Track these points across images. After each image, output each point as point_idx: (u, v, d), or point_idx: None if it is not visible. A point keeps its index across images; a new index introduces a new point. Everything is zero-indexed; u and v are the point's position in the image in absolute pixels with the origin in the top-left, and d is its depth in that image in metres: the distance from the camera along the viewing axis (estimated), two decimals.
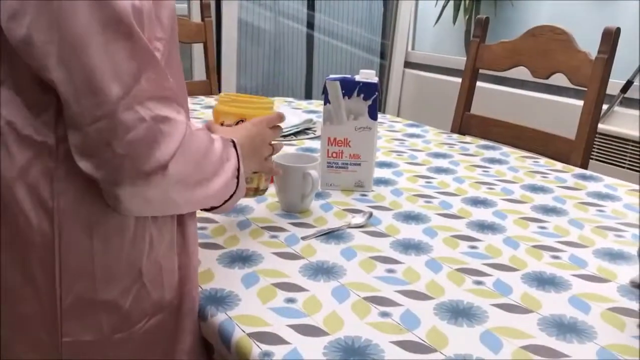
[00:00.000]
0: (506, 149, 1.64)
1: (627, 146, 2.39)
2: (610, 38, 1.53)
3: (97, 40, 0.59)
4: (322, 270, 0.89)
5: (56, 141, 0.65)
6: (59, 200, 0.65)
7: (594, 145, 2.43)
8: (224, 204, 0.80)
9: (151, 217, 0.72)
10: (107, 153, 0.62)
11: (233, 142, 0.80)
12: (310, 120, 1.75)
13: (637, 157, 2.36)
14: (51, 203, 0.65)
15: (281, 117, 0.96)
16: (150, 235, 0.72)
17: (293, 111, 1.89)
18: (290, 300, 0.80)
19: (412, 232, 1.04)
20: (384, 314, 0.78)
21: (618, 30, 1.53)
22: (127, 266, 0.70)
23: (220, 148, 0.76)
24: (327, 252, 0.95)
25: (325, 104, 1.20)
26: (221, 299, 0.80)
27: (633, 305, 0.82)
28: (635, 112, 2.44)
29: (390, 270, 0.90)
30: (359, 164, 1.23)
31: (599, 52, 1.55)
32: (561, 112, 2.54)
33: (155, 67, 0.64)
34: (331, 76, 1.21)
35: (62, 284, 0.66)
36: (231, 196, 0.80)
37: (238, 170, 0.79)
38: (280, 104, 2.04)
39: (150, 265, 0.72)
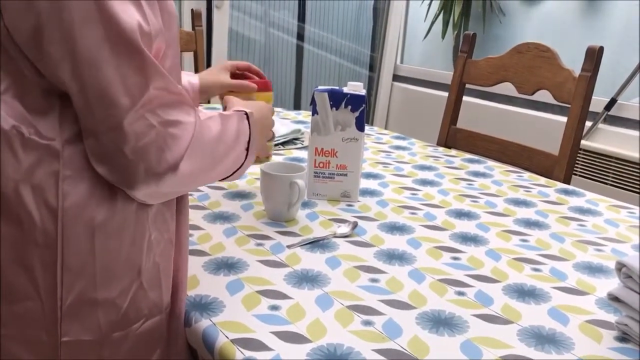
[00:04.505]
0: (491, 162, 1.66)
1: (610, 163, 2.43)
2: (594, 56, 1.56)
3: (107, 57, 0.63)
4: (306, 279, 0.90)
5: (62, 144, 0.66)
6: (64, 201, 0.66)
7: (578, 162, 2.47)
8: (232, 174, 0.84)
9: (151, 219, 0.73)
10: (120, 159, 0.66)
11: (247, 115, 0.84)
12: (299, 131, 1.76)
13: (620, 173, 2.39)
14: (56, 204, 0.66)
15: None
16: (149, 236, 0.73)
17: (281, 121, 1.90)
18: (274, 308, 0.81)
19: (396, 242, 1.05)
20: (367, 323, 0.79)
21: (601, 49, 1.56)
22: (126, 266, 0.71)
23: (235, 124, 0.81)
24: (312, 261, 0.96)
25: (313, 114, 1.22)
26: (206, 305, 0.81)
27: (610, 317, 0.84)
28: (618, 129, 2.48)
29: (373, 280, 0.91)
30: (346, 175, 1.24)
31: (582, 70, 1.58)
32: (546, 128, 2.58)
33: (161, 75, 0.67)
34: (320, 87, 1.23)
35: (63, 284, 0.67)
36: (240, 167, 0.84)
37: (249, 142, 0.83)
38: None
39: (149, 266, 0.74)
